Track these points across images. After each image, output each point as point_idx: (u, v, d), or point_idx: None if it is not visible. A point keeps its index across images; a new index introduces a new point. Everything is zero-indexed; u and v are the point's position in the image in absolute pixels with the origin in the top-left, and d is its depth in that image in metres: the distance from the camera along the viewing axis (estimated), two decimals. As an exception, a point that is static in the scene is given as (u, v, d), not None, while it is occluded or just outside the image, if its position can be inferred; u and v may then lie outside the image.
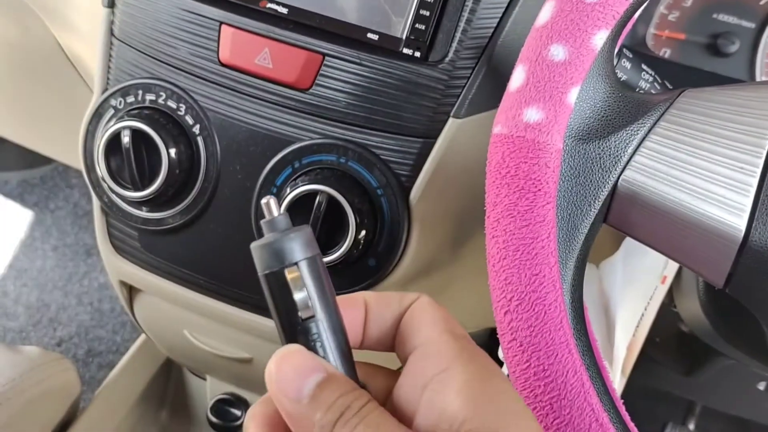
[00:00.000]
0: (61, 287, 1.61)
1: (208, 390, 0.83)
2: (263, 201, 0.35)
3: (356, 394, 0.31)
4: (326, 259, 0.61)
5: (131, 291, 0.75)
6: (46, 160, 1.64)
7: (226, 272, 0.68)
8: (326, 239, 0.61)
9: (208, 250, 0.68)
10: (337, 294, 0.36)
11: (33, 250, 1.65)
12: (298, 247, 0.34)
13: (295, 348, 0.33)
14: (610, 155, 0.42)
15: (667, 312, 0.71)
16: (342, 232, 0.61)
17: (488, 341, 1.02)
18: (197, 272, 0.69)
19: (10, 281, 1.61)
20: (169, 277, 0.70)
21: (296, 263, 0.34)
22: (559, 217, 0.42)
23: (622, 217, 0.43)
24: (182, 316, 0.73)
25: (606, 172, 0.42)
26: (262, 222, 0.35)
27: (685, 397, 0.94)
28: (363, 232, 0.61)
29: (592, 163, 0.42)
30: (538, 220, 0.41)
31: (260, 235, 0.35)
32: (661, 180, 0.41)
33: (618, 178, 0.42)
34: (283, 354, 0.33)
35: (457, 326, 0.35)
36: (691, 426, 1.05)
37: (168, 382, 0.91)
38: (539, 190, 0.41)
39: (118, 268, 0.71)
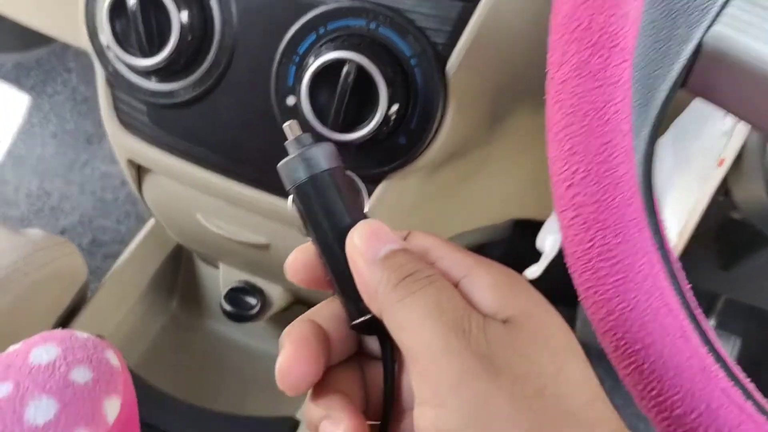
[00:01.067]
0: (62, 175, 1.56)
1: (222, 278, 0.79)
2: (285, 124, 0.37)
3: (425, 265, 0.33)
4: (354, 136, 0.56)
5: (140, 171, 0.70)
6: (41, 41, 1.57)
7: (242, 150, 0.64)
8: (354, 114, 0.56)
9: (223, 126, 0.63)
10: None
11: (31, 136, 1.59)
12: (326, 154, 0.36)
13: (376, 222, 0.35)
14: (697, 6, 0.36)
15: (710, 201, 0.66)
16: (371, 107, 0.56)
17: (511, 234, 0.99)
18: (210, 150, 0.64)
19: (8, 169, 1.57)
20: (180, 155, 0.65)
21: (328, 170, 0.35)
22: (635, 79, 0.37)
23: (705, 80, 0.38)
24: (194, 198, 0.68)
25: (691, 26, 0.37)
26: (286, 143, 0.36)
27: (714, 291, 0.91)
28: (394, 107, 0.56)
29: (677, 15, 0.36)
30: (612, 81, 0.36)
31: (281, 110, 0.32)
32: (755, 36, 0.36)
33: (704, 33, 0.36)
34: (366, 223, 0.35)
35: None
36: (712, 322, 1.03)
37: (178, 270, 0.88)
38: (615, 45, 0.36)
39: (126, 146, 0.66)
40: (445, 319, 0.30)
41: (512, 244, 1.14)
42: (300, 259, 0.37)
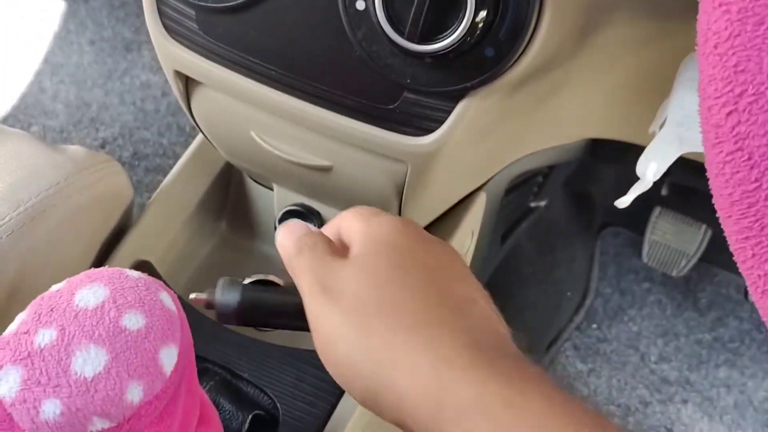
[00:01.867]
0: (101, 85, 1.50)
1: (276, 200, 0.73)
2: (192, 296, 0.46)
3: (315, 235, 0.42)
4: (433, 47, 0.50)
5: (188, 84, 0.63)
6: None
7: (303, 61, 0.57)
8: (434, 22, 0.49)
9: (281, 34, 0.56)
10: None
11: (68, 44, 1.52)
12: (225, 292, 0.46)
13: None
14: None
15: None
16: (455, 13, 0.49)
17: (582, 155, 0.91)
18: (267, 61, 0.57)
19: (46, 77, 1.51)
20: (234, 66, 0.58)
21: None
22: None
23: None
24: (249, 114, 0.62)
25: None
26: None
27: None
28: (482, 13, 0.49)
29: None
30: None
31: (349, 16, 0.39)
32: None
33: None
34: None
35: None
36: None
37: (228, 190, 0.82)
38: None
39: (172, 55, 0.60)
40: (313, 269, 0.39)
41: (582, 165, 1.07)
42: None
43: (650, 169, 0.54)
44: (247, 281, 0.46)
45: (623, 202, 0.57)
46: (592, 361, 1.26)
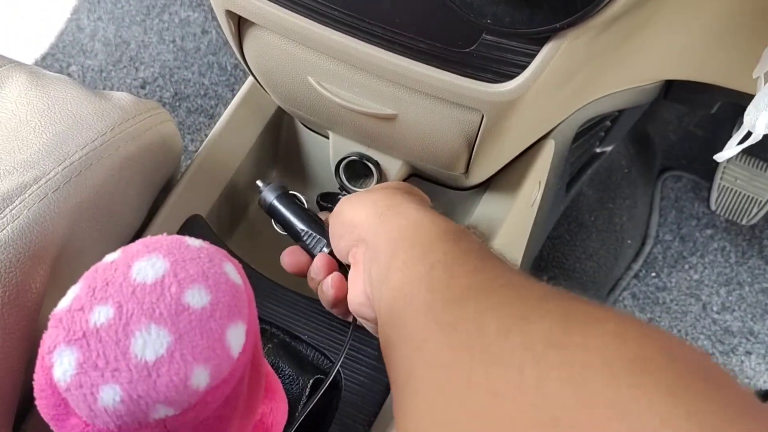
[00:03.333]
0: (140, 22, 1.45)
1: (332, 149, 0.69)
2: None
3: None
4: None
5: (240, 24, 0.58)
6: None
7: (372, 2, 0.51)
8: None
9: (346, -30, 0.50)
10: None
11: (105, -22, 1.47)
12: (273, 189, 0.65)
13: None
14: None
15: None
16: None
17: (656, 97, 0.85)
18: (331, 1, 0.52)
19: (83, 14, 1.46)
20: (293, 6, 0.53)
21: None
22: None
23: None
24: (307, 58, 0.57)
25: None
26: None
27: None
28: (579, -58, 0.42)
29: None
30: None
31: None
32: None
33: None
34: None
35: None
36: None
37: (279, 137, 0.78)
38: None
39: (225, -6, 0.54)
40: None
41: (652, 108, 1.01)
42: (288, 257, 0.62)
43: (761, 120, 0.48)
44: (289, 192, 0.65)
45: (724, 155, 0.51)
46: (651, 311, 1.22)
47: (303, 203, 0.66)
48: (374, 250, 0.47)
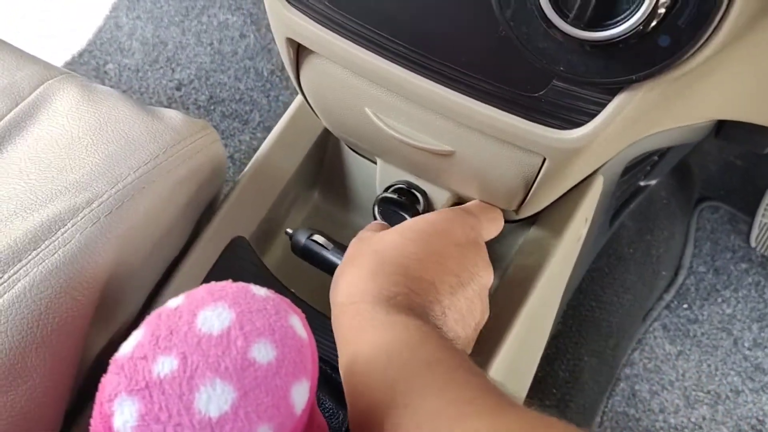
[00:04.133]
0: (178, 23, 1.44)
1: (379, 175, 0.68)
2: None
3: None
4: (602, 35, 0.43)
5: (299, 50, 0.57)
6: None
7: (437, 38, 0.50)
8: (606, 4, 0.42)
9: (414, 6, 0.49)
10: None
11: (145, -23, 1.47)
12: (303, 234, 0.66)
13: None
14: None
15: None
16: (630, -4, 0.41)
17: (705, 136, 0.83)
18: (396, 36, 0.51)
19: (122, 12, 1.46)
20: (358, 39, 0.52)
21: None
22: None
23: None
24: (366, 90, 0.56)
25: None
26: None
27: None
28: (666, -4, 0.41)
29: None
30: None
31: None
32: None
33: None
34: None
35: None
36: None
37: (323, 158, 0.77)
38: None
39: (287, 22, 0.54)
40: None
41: (697, 147, 0.99)
42: None
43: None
44: (315, 236, 0.65)
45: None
46: (681, 343, 1.20)
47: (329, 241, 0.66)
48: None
